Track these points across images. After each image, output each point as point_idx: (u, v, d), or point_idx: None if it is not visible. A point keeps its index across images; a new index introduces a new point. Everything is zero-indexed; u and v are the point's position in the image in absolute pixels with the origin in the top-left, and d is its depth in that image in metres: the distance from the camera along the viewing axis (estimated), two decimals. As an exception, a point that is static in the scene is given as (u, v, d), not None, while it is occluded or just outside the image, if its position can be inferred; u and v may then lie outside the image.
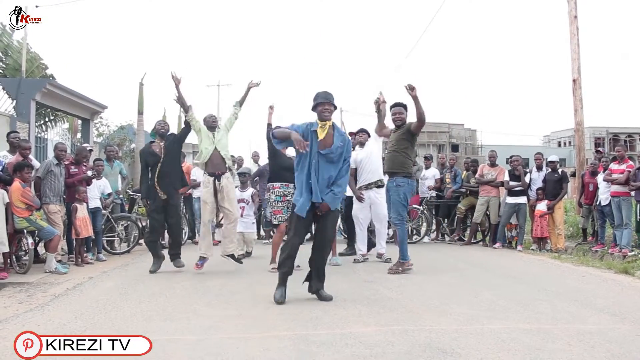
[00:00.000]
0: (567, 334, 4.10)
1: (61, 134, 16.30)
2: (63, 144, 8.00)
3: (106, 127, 24.57)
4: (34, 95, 11.51)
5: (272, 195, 7.34)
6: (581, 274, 7.23)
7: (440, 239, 11.56)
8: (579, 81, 12.32)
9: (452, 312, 4.82)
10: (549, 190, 10.03)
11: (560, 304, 5.20)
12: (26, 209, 6.95)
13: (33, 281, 6.48)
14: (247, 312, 4.80)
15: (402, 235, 7.07)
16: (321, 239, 5.35)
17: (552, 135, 65.87)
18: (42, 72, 15.68)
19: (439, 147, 54.25)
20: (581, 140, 12.60)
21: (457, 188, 11.12)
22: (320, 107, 5.24)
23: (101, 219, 8.57)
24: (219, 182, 7.02)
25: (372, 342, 3.85)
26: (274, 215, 7.33)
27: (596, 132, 54.83)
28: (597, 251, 9.56)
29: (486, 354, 3.61)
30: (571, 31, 12.44)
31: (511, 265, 8.09)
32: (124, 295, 5.58)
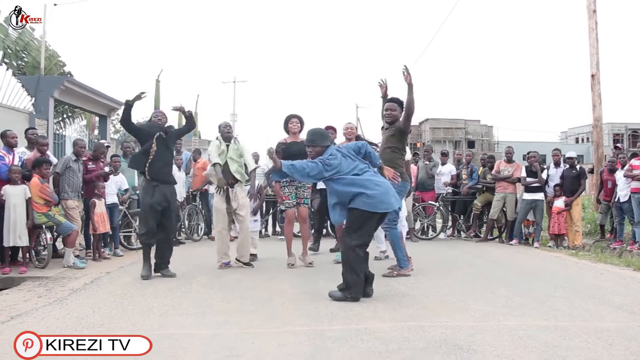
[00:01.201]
0: (585, 332, 4.06)
1: (79, 131, 16.50)
2: (82, 141, 8.11)
3: (123, 124, 24.81)
4: (52, 93, 11.65)
5: (281, 191, 7.31)
6: (599, 271, 7.15)
7: (456, 235, 11.50)
8: (598, 76, 12.17)
9: (468, 308, 4.80)
10: (567, 186, 9.92)
11: (578, 301, 5.15)
12: (45, 205, 7.04)
13: (52, 275, 6.56)
14: (262, 308, 4.82)
15: (394, 239, 6.46)
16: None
17: (570, 131, 65.10)
18: (60, 69, 15.87)
19: (455, 143, 53.91)
20: (599, 137, 12.45)
21: (473, 184, 11.05)
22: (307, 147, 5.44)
23: (118, 215, 8.65)
24: (231, 189, 7.03)
25: (387, 338, 3.84)
26: (283, 201, 7.30)
27: (615, 128, 54.07)
28: (616, 248, 9.45)
29: (502, 350, 3.58)
30: (590, 25, 12.28)
31: (528, 262, 8.02)
32: (140, 290, 5.63)
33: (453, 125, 54.84)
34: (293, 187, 7.16)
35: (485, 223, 11.01)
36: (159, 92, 17.92)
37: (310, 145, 5.35)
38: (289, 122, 7.45)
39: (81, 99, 13.06)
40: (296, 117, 7.47)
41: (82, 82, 12.69)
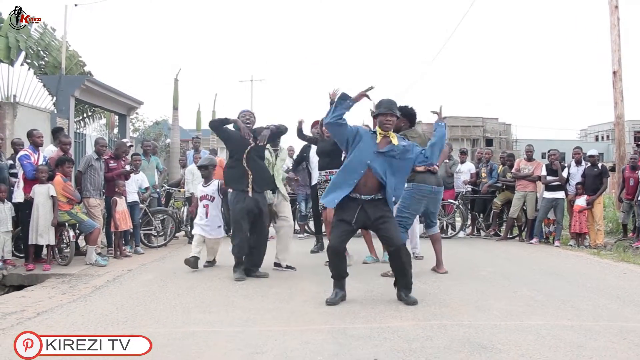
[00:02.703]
0: (610, 332, 4.02)
1: (99, 130, 16.65)
2: (104, 139, 8.19)
3: (142, 123, 25.06)
4: (73, 92, 11.78)
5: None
6: (622, 270, 7.06)
7: (475, 234, 11.43)
8: (620, 73, 11.99)
9: (490, 307, 4.77)
10: (589, 185, 9.80)
11: (601, 301, 5.09)
12: (67, 203, 7.13)
13: (74, 273, 6.65)
14: (284, 306, 4.84)
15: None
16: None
17: (590, 129, 64.31)
18: (80, 69, 16.01)
19: (473, 141, 53.50)
20: (621, 134, 12.27)
21: (493, 182, 10.97)
22: (381, 116, 4.94)
23: (139, 213, 8.72)
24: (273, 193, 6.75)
25: (410, 336, 3.84)
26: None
27: (635, 126, 53.25)
28: (638, 248, 9.32)
29: (526, 350, 3.56)
30: (612, 22, 12.10)
31: (549, 261, 7.94)
32: (162, 288, 5.68)
33: (471, 124, 54.39)
34: (323, 190, 6.87)
35: (505, 222, 10.94)
36: (177, 91, 17.95)
37: (389, 114, 4.91)
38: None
39: (101, 98, 13.20)
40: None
41: (102, 82, 12.82)
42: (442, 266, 6.54)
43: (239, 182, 6.19)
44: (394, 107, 4.99)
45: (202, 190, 7.06)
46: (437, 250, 6.60)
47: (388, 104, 4.98)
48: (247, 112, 6.46)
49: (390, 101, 5.02)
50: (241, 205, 6.13)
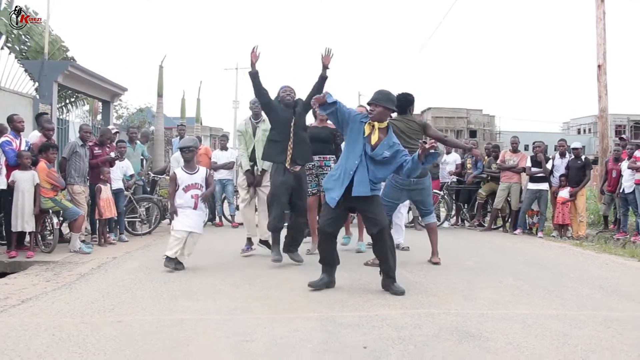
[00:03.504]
0: (594, 321, 4.08)
1: (82, 116, 16.42)
2: (88, 126, 8.08)
3: (125, 110, 24.78)
4: (56, 77, 11.56)
5: None
6: (604, 261, 7.16)
7: (460, 224, 11.50)
8: (604, 67, 12.10)
9: (477, 296, 4.81)
10: (572, 177, 9.91)
11: (585, 291, 5.16)
12: (51, 189, 7.03)
13: (58, 260, 6.57)
14: (272, 294, 4.83)
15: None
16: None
17: (572, 122, 65.03)
18: (63, 54, 15.75)
19: (457, 132, 53.84)
20: (605, 127, 12.41)
21: (478, 173, 11.03)
22: (370, 105, 4.97)
23: (123, 200, 8.65)
24: (256, 167, 6.85)
25: (399, 324, 3.86)
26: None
27: (617, 120, 53.97)
28: (619, 239, 9.46)
29: (513, 338, 3.60)
30: (597, 15, 12.20)
31: (533, 251, 8.03)
32: (148, 275, 5.64)
33: (455, 115, 54.75)
34: (313, 175, 7.02)
35: (489, 212, 11.02)
36: (162, 78, 17.78)
37: (375, 104, 4.90)
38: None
39: (85, 84, 12.98)
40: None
41: (86, 68, 12.62)
42: (435, 256, 6.51)
43: (279, 155, 6.19)
44: (382, 99, 4.94)
45: (188, 178, 6.05)
46: (431, 240, 6.55)
47: (376, 94, 4.98)
48: (287, 88, 6.45)
49: (381, 92, 5.00)
50: (282, 179, 6.12)
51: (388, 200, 6.26)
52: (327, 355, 3.25)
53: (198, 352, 3.31)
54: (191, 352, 3.31)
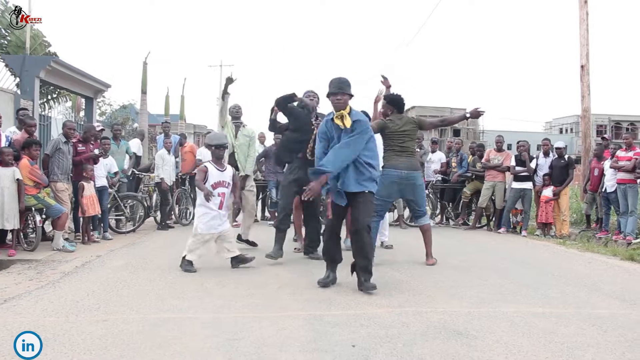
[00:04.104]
0: (579, 319, 4.13)
1: (64, 112, 16.22)
2: (72, 122, 8.00)
3: (108, 106, 24.53)
4: (38, 73, 11.41)
5: None
6: (587, 259, 7.25)
7: (444, 222, 11.57)
8: (587, 67, 12.22)
9: (463, 295, 4.84)
10: (555, 176, 10.01)
11: (569, 289, 5.22)
12: (34, 187, 6.94)
13: (41, 259, 6.49)
14: (258, 292, 4.81)
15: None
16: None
17: (554, 121, 65.70)
18: (45, 49, 15.55)
19: (441, 131, 54.08)
20: (587, 127, 12.53)
21: (463, 172, 11.10)
22: (332, 96, 4.99)
23: (107, 198, 8.56)
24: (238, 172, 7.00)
25: (386, 323, 3.86)
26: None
27: (598, 120, 54.61)
28: (601, 238, 9.57)
29: (501, 336, 3.63)
30: (581, 16, 12.30)
31: (517, 250, 8.11)
32: (133, 274, 5.59)
33: (439, 113, 54.86)
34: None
35: (473, 211, 11.10)
36: (146, 74, 17.63)
37: (343, 93, 4.94)
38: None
39: (67, 80, 12.83)
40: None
41: (69, 63, 12.47)
42: (430, 258, 6.43)
43: (297, 153, 6.42)
44: (344, 86, 4.99)
45: (218, 174, 5.86)
46: (425, 241, 6.44)
47: (337, 82, 5.00)
48: (311, 92, 6.67)
49: (340, 79, 5.03)
50: (293, 177, 6.38)
51: (379, 198, 6.23)
52: (316, 354, 3.25)
53: (185, 351, 3.28)
54: (178, 351, 3.29)
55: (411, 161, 6.25)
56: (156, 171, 9.81)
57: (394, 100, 6.44)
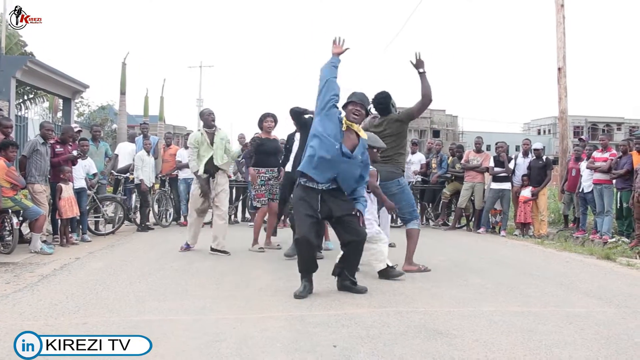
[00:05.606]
0: (557, 317, 4.19)
1: (41, 113, 16.03)
2: (50, 123, 7.89)
3: (87, 107, 24.27)
4: (14, 73, 11.24)
5: (257, 180, 7.42)
6: (565, 259, 7.36)
7: (424, 223, 11.63)
8: (564, 70, 12.41)
9: (443, 294, 4.89)
10: (534, 176, 10.15)
11: (548, 288, 5.30)
12: (11, 188, 6.83)
13: (18, 261, 6.39)
14: (239, 293, 4.81)
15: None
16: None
17: (532, 123, 66.55)
18: (21, 49, 15.37)
19: (421, 132, 54.45)
20: (565, 129, 12.73)
21: (442, 173, 11.19)
22: (351, 105, 4.82)
23: (86, 200, 8.46)
24: (213, 179, 7.07)
25: (367, 323, 3.88)
26: (257, 199, 7.47)
27: (575, 121, 55.47)
28: (578, 237, 9.73)
29: (480, 335, 3.67)
30: (557, 20, 12.50)
31: (496, 250, 8.20)
32: (113, 276, 5.53)
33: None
34: (268, 187, 7.44)
35: (453, 212, 11.19)
36: (125, 75, 17.50)
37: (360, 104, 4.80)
38: (263, 121, 7.62)
39: (45, 80, 12.67)
40: (271, 115, 7.65)
41: (46, 63, 12.31)
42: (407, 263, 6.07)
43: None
44: (366, 102, 4.92)
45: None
46: (408, 246, 6.18)
47: (361, 95, 4.92)
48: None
49: (364, 94, 4.96)
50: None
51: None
52: (297, 354, 3.25)
53: (167, 353, 3.26)
54: (160, 353, 3.26)
55: (386, 169, 5.91)
56: (135, 172, 9.73)
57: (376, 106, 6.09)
